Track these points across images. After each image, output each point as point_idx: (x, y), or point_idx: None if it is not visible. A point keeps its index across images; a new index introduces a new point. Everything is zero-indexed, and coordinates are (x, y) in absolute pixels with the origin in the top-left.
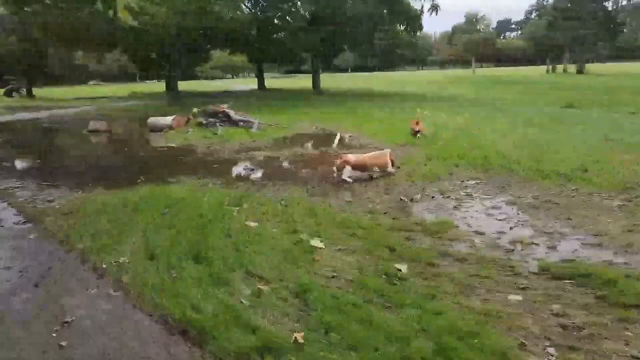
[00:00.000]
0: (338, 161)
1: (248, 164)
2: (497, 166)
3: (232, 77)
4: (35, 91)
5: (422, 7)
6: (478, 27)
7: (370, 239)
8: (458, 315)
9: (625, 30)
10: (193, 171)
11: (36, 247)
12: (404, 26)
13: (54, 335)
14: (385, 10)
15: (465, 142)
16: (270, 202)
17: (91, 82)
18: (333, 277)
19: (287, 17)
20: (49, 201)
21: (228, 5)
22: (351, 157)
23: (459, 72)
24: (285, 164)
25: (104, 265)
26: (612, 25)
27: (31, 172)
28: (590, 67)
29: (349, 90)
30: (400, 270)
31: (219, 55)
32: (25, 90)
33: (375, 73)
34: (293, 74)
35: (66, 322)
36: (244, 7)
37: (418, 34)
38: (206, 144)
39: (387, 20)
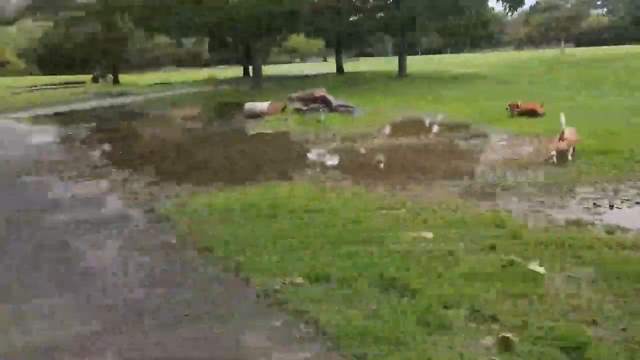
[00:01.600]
0: (559, 144)
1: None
2: None
3: (301, 62)
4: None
5: None
6: (565, 4)
7: (605, 263)
8: None
9: None
10: (312, 164)
11: (178, 258)
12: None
13: None
14: None
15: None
16: (430, 205)
17: (165, 69)
18: (593, 322)
19: None
20: (176, 201)
21: None
22: (573, 138)
23: (547, 53)
24: (412, 155)
25: (277, 288)
26: None
27: (144, 166)
28: None
29: (437, 73)
30: None
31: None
32: (111, 77)
33: (447, 55)
34: (357, 58)
35: None
36: None
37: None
38: (312, 132)
39: None
